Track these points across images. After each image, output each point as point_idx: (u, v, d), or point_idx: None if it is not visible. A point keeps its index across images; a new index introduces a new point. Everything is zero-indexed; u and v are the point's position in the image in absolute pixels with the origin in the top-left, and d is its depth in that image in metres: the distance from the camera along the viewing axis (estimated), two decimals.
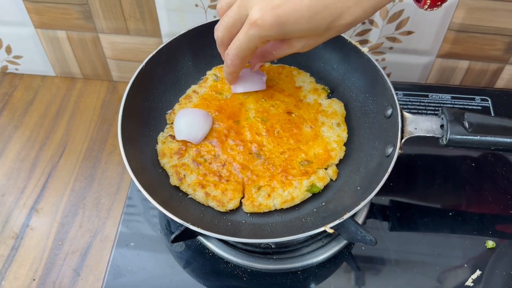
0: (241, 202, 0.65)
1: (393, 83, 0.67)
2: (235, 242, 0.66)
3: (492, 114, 0.82)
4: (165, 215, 0.57)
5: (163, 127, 0.72)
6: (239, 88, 0.72)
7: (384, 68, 0.90)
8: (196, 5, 0.82)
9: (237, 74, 0.63)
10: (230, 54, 0.57)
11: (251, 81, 0.72)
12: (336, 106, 0.73)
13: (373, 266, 0.66)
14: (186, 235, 0.60)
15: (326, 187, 0.66)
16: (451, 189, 0.74)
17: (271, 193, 0.64)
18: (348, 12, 0.50)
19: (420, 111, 0.83)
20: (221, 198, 0.64)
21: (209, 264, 0.66)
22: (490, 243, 0.67)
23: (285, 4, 0.49)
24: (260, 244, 0.66)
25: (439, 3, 0.53)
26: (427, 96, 0.85)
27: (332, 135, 0.69)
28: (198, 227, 0.56)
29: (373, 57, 0.69)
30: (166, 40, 0.73)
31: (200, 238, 0.67)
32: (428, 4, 0.53)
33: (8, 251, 0.75)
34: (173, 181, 0.66)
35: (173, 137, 0.69)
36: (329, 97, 0.75)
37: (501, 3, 0.77)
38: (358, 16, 0.50)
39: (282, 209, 0.64)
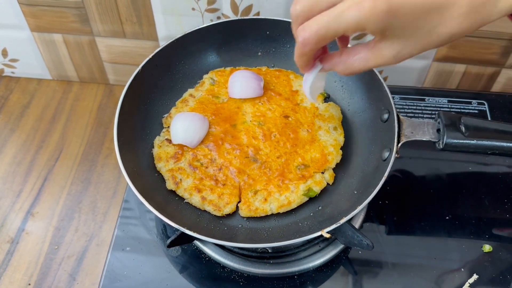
0: (237, 207, 0.65)
1: (390, 87, 0.67)
2: (231, 247, 0.66)
3: (489, 118, 0.82)
4: (161, 219, 0.57)
5: (159, 131, 0.71)
6: (237, 94, 0.72)
7: (380, 72, 0.90)
8: (193, 9, 0.82)
9: (308, 59, 0.52)
10: (307, 29, 0.47)
11: (249, 87, 0.72)
12: (333, 110, 0.73)
13: (370, 270, 0.66)
14: (182, 240, 0.60)
15: (323, 191, 0.66)
16: (448, 193, 0.74)
17: (267, 197, 0.64)
18: (456, 20, 0.44)
19: (416, 115, 0.83)
20: (218, 203, 0.64)
21: (205, 268, 0.66)
22: (487, 247, 0.67)
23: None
24: (256, 248, 0.66)
25: None
26: (423, 100, 0.85)
27: (329, 139, 0.69)
28: (194, 231, 0.56)
29: None
30: (162, 43, 0.73)
31: (197, 242, 0.67)
32: None
33: (4, 255, 0.75)
34: (169, 185, 0.65)
35: (169, 141, 0.69)
36: (326, 101, 0.75)
37: None
38: (461, 29, 0.44)
39: (278, 213, 0.64)
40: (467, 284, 0.64)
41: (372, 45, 0.48)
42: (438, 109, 0.84)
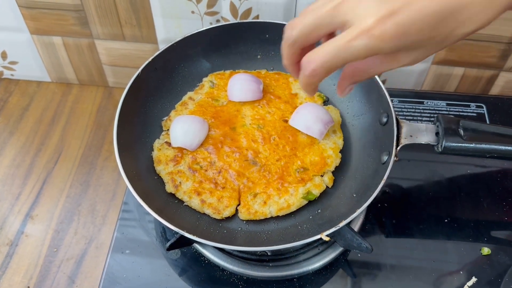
0: (237, 210, 0.65)
1: (388, 90, 0.67)
2: (231, 249, 0.66)
3: (487, 121, 0.83)
4: (160, 222, 0.57)
5: (159, 133, 0.72)
6: (236, 97, 0.72)
7: (379, 75, 0.90)
8: (193, 12, 0.82)
9: (317, 86, 0.50)
10: (314, 61, 0.45)
11: (248, 90, 0.72)
12: (332, 113, 0.73)
13: (369, 273, 0.66)
14: (182, 243, 0.60)
15: (322, 194, 0.66)
16: (447, 195, 0.74)
17: (267, 200, 0.64)
18: (473, 19, 0.41)
19: (415, 118, 0.83)
20: (217, 206, 0.64)
21: (204, 271, 0.66)
22: (486, 250, 0.68)
23: (407, 9, 0.40)
24: (256, 251, 0.66)
25: None
26: (422, 103, 0.85)
27: (328, 142, 0.70)
28: (193, 235, 0.56)
29: None
30: (162, 46, 0.73)
31: (196, 245, 0.67)
32: None
33: (3, 258, 0.75)
34: (169, 188, 0.65)
35: (169, 144, 0.69)
36: (325, 104, 0.75)
37: None
38: (481, 25, 0.42)
39: (278, 216, 0.64)
40: (465, 287, 0.64)
41: (390, 54, 0.45)
42: (437, 112, 0.84)
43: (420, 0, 0.40)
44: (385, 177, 0.59)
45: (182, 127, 0.68)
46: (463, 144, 0.62)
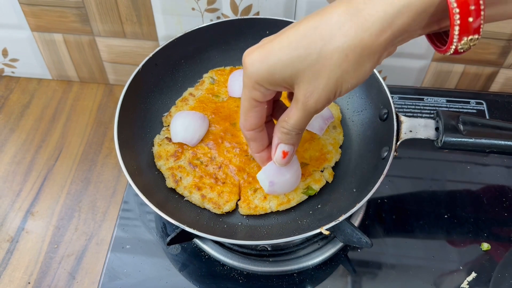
0: (237, 204, 0.65)
1: (389, 87, 0.67)
2: (231, 244, 0.66)
3: (487, 118, 0.83)
4: (161, 217, 0.57)
5: (159, 129, 0.72)
6: (236, 93, 0.72)
7: (379, 72, 0.90)
8: (193, 9, 0.82)
9: (260, 146, 0.56)
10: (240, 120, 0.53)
11: None
12: (332, 109, 0.73)
13: (369, 268, 0.66)
14: (182, 238, 0.60)
15: (322, 189, 0.66)
16: (447, 192, 0.74)
17: (267, 195, 0.64)
18: (340, 32, 0.41)
19: (415, 115, 0.83)
20: (217, 200, 0.64)
21: (205, 266, 0.66)
22: (485, 246, 0.68)
23: (275, 38, 0.45)
24: (256, 246, 0.66)
25: (462, 50, 0.42)
26: (422, 99, 0.85)
27: (328, 137, 0.70)
28: (194, 229, 0.56)
29: None
30: (162, 43, 0.73)
31: (196, 240, 0.67)
32: (451, 52, 0.43)
33: (3, 254, 0.75)
34: (169, 183, 0.66)
35: (169, 139, 0.69)
36: None
37: None
38: (353, 40, 0.41)
39: (278, 211, 0.64)
40: (465, 283, 0.64)
41: (292, 100, 0.47)
42: (437, 108, 0.84)
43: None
44: (385, 172, 0.59)
45: (183, 123, 0.68)
46: (463, 139, 0.62)
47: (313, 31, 0.42)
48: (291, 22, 0.72)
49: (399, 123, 0.64)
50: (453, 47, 0.41)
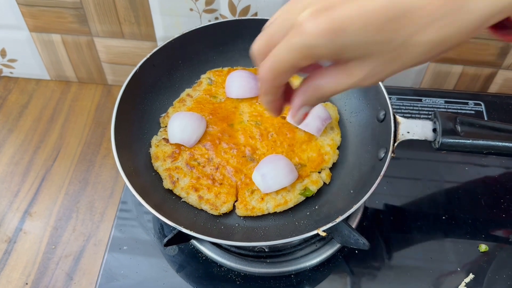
0: (234, 206, 0.65)
1: (387, 88, 0.67)
2: (228, 245, 0.66)
3: (485, 119, 0.83)
4: (158, 218, 0.57)
5: (156, 130, 0.72)
6: (234, 94, 0.72)
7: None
8: (191, 10, 0.82)
9: (275, 100, 0.45)
10: (261, 67, 0.42)
11: (246, 87, 0.72)
12: (330, 110, 0.73)
13: (366, 269, 0.66)
14: (179, 239, 0.60)
15: (319, 190, 0.66)
16: (444, 193, 0.74)
17: (264, 196, 0.64)
18: (435, 25, 0.36)
19: (413, 116, 0.83)
20: (215, 202, 0.64)
21: (202, 268, 0.66)
22: (483, 247, 0.68)
23: (346, 4, 0.36)
24: (253, 247, 0.66)
25: None
26: (420, 100, 0.85)
27: (326, 138, 0.70)
28: (191, 230, 0.56)
29: None
30: (160, 44, 0.73)
31: (194, 241, 0.67)
32: None
33: (1, 255, 0.75)
34: (166, 184, 0.66)
35: (166, 140, 0.69)
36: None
37: None
38: (447, 35, 0.36)
39: (275, 212, 0.64)
40: (463, 284, 0.64)
41: (342, 65, 0.40)
42: (435, 109, 0.84)
43: None
44: (382, 173, 0.59)
45: (180, 124, 0.68)
46: (460, 140, 0.62)
47: (402, 14, 0.36)
48: None
49: (396, 124, 0.63)
50: None
